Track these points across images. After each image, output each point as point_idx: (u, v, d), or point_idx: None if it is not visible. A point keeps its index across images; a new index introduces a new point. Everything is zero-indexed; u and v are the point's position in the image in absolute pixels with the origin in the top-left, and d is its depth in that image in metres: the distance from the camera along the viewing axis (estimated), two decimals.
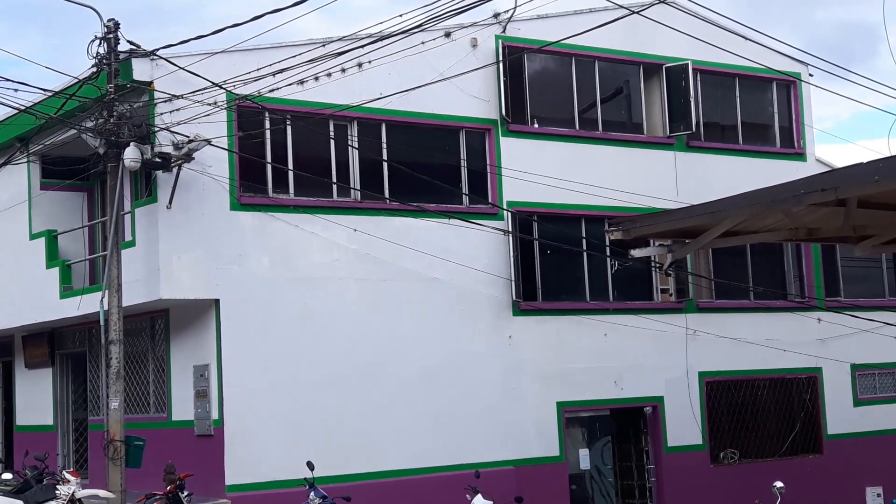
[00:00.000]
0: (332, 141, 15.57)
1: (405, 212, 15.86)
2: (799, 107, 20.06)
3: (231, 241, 14.69)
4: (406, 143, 16.21)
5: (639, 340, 17.62)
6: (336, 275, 15.41)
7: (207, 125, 14.05)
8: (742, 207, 9.58)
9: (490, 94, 16.84)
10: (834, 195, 8.36)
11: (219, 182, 14.52)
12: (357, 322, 15.48)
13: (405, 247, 15.69)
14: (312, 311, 15.18)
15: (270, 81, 14.04)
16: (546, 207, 17.12)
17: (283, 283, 15.01)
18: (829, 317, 19.15)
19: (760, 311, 19.03)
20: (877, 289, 20.68)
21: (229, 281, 14.62)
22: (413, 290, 15.91)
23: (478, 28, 16.53)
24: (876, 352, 19.87)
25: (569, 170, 17.16)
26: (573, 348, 17.15)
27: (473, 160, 16.81)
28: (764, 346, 18.66)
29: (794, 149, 19.97)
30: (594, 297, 17.59)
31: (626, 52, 18.21)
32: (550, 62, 17.87)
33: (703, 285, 18.73)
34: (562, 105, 17.85)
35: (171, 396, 15.45)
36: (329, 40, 14.92)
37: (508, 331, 16.69)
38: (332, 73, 14.57)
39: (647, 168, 18.20)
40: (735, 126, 19.56)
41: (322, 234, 15.29)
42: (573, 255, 17.42)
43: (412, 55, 14.92)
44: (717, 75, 19.19)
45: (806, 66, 19.75)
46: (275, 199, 15.08)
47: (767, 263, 19.59)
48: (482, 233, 16.31)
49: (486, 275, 16.41)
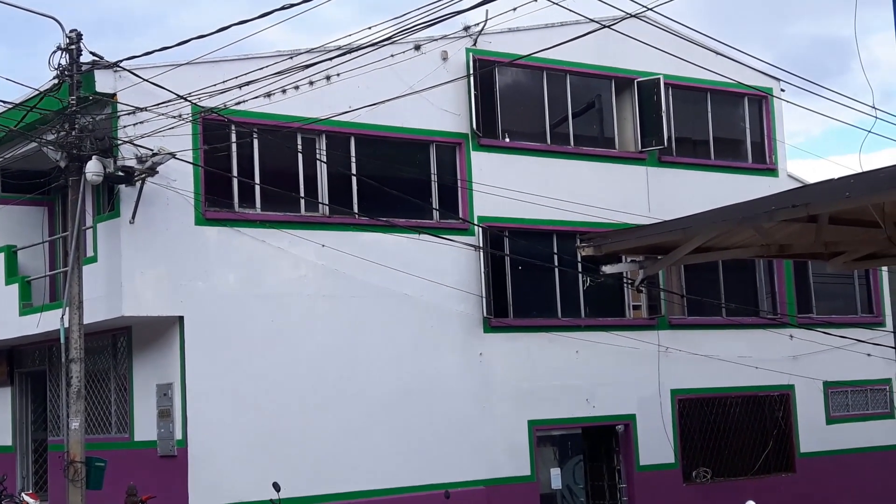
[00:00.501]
0: (299, 155, 15.52)
1: (374, 227, 15.83)
2: (771, 122, 20.24)
3: (196, 257, 14.60)
4: (375, 157, 16.20)
5: (611, 357, 17.66)
6: (304, 291, 15.35)
7: (172, 138, 13.98)
8: (713, 223, 9.63)
9: (461, 108, 16.87)
10: (805, 211, 8.42)
11: (183, 196, 14.43)
12: (325, 339, 15.42)
13: (374, 262, 15.67)
14: (279, 329, 15.10)
15: (237, 94, 13.98)
16: (517, 223, 17.15)
17: (249, 300, 14.93)
18: (801, 333, 19.28)
19: (732, 327, 19.13)
20: (849, 305, 20.85)
21: (194, 298, 14.53)
22: (382, 307, 15.87)
23: (448, 41, 16.57)
24: (848, 369, 20.02)
25: (540, 184, 17.21)
26: (544, 366, 17.16)
27: (444, 174, 16.82)
28: (736, 363, 18.76)
29: (766, 164, 20.14)
30: (566, 313, 17.61)
31: (598, 67, 18.31)
32: (522, 76, 17.93)
33: (675, 302, 18.81)
34: (533, 119, 17.91)
35: (133, 416, 15.30)
36: (297, 52, 14.89)
37: (479, 348, 16.68)
38: (299, 86, 14.53)
39: (618, 183, 18.28)
40: (707, 141, 19.70)
41: (289, 249, 15.23)
42: (545, 270, 17.44)
43: (382, 68, 14.91)
44: (689, 90, 19.33)
45: (778, 82, 19.94)
46: (241, 214, 15.00)
47: (739, 280, 19.69)
48: (452, 248, 16.31)
49: (457, 291, 16.40)
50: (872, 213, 9.03)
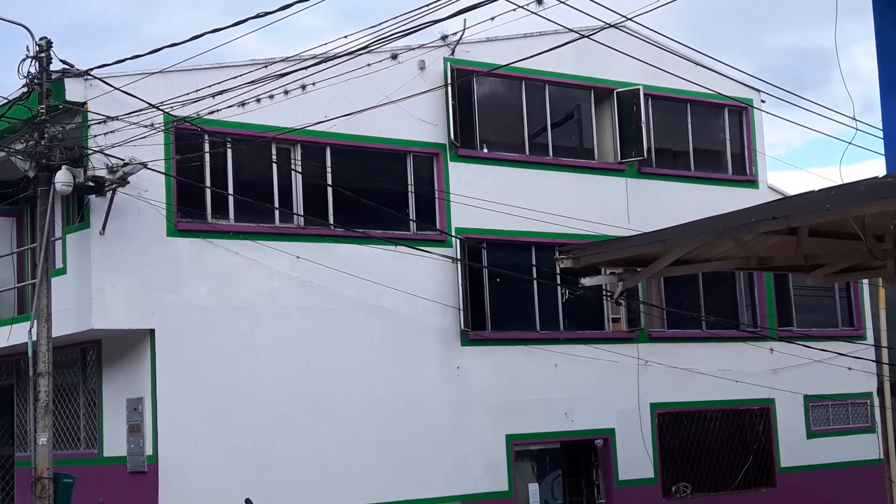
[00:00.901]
0: (274, 165, 15.48)
1: (350, 238, 15.80)
2: (751, 133, 20.35)
3: (167, 269, 14.54)
4: (351, 167, 16.16)
5: (590, 371, 17.67)
6: (278, 303, 15.29)
7: (143, 148, 13.92)
8: (693, 236, 9.65)
9: (438, 118, 16.87)
10: (785, 224, 8.45)
11: (155, 207, 14.37)
12: (299, 352, 15.36)
13: (350, 274, 15.63)
14: (253, 342, 15.04)
15: (210, 103, 13.94)
16: (495, 234, 17.15)
17: (222, 313, 14.86)
18: (781, 347, 19.36)
19: (712, 340, 19.18)
20: (830, 318, 20.94)
21: (165, 310, 14.45)
22: (358, 320, 15.83)
23: (426, 50, 16.57)
24: (829, 383, 20.11)
25: (519, 196, 17.22)
26: (523, 379, 17.14)
27: (421, 185, 16.80)
28: (716, 376, 18.81)
29: (747, 176, 20.23)
30: (544, 326, 17.61)
31: (577, 77, 18.36)
32: (500, 86, 17.95)
33: (654, 314, 18.85)
34: (512, 129, 17.93)
35: (102, 431, 15.18)
36: (271, 61, 14.87)
37: (456, 361, 16.65)
38: (274, 95, 14.49)
39: (598, 194, 18.32)
40: (687, 152, 19.77)
41: (263, 261, 15.18)
42: (523, 283, 17.45)
43: (358, 78, 14.88)
44: (669, 101, 19.41)
45: (758, 93, 20.04)
46: (214, 225, 14.94)
47: (720, 292, 19.76)
48: (430, 260, 16.29)
49: (434, 303, 16.38)
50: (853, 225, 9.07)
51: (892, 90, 9.58)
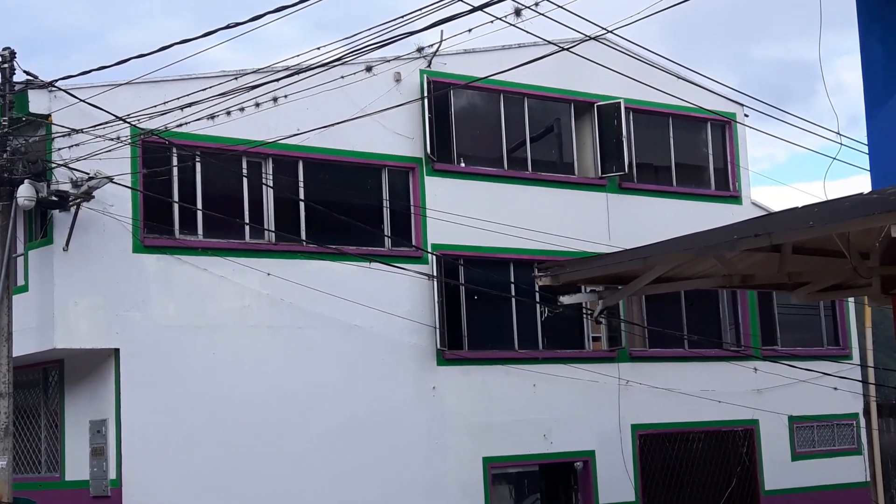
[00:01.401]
0: (244, 179, 15.44)
1: (323, 255, 15.75)
2: (734, 148, 20.43)
3: (133, 286, 14.46)
4: (324, 181, 16.14)
5: (569, 391, 17.64)
6: (247, 322, 15.21)
7: (109, 162, 13.86)
8: (674, 253, 9.63)
9: (414, 132, 16.86)
10: (768, 241, 8.44)
11: (121, 223, 14.30)
12: (270, 373, 15.27)
13: (323, 292, 15.56)
14: (222, 362, 14.95)
15: (178, 115, 13.88)
16: (473, 251, 17.13)
17: (189, 332, 14.77)
18: (765, 366, 19.39)
19: (695, 360, 19.20)
20: (815, 337, 21.01)
21: (131, 329, 14.37)
22: (331, 339, 15.76)
23: (401, 62, 16.58)
24: (814, 403, 20.14)
25: (497, 211, 17.22)
26: (500, 400, 17.10)
27: (396, 200, 16.78)
28: (699, 397, 18.81)
29: (730, 191, 20.31)
30: (523, 345, 17.58)
31: (557, 90, 18.40)
32: (478, 99, 17.97)
33: (636, 333, 18.85)
34: (490, 143, 17.94)
35: (64, 454, 15.03)
36: (242, 73, 14.83)
37: (432, 381, 16.60)
38: (245, 108, 14.45)
39: (578, 210, 18.34)
40: (669, 167, 19.84)
41: (233, 278, 15.10)
42: (501, 301, 17.42)
43: (332, 90, 14.86)
44: (651, 115, 19.48)
45: (741, 107, 20.13)
46: (182, 241, 14.87)
47: (702, 311, 19.79)
48: (405, 277, 16.25)
49: (409, 322, 16.34)
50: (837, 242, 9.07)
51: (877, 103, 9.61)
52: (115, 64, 12.57)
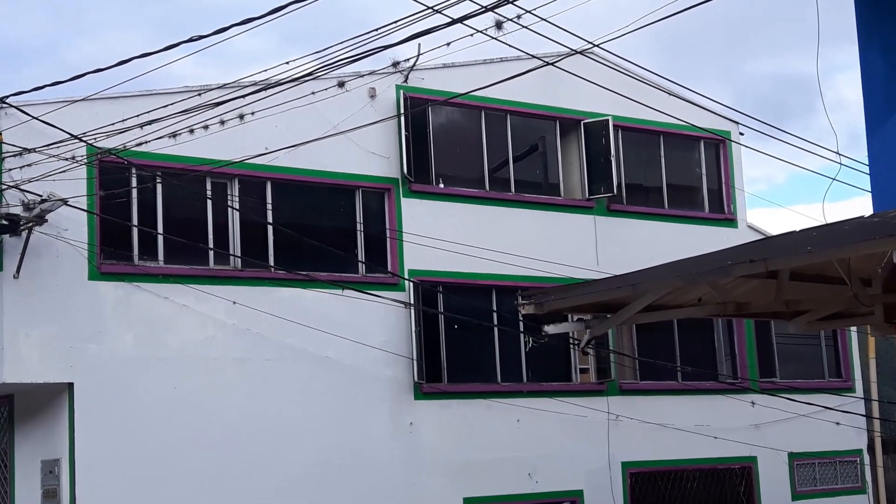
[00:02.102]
0: (208, 201, 15.41)
1: (292, 282, 15.71)
2: (729, 168, 20.53)
3: (89, 316, 14.38)
4: (294, 203, 16.13)
5: (556, 427, 17.62)
6: (212, 354, 15.15)
7: (64, 183, 13.80)
8: (665, 279, 9.65)
9: (390, 151, 16.88)
10: (764, 266, 8.46)
11: (76, 248, 14.24)
12: (236, 408, 15.20)
13: (292, 321, 15.52)
14: (184, 397, 14.87)
15: (138, 134, 13.87)
16: (452, 277, 17.12)
17: (149, 364, 14.69)
18: (763, 400, 19.42)
19: (689, 393, 19.21)
20: (816, 369, 21.06)
21: (86, 362, 14.27)
22: (301, 371, 15.71)
23: (376, 77, 16.62)
24: (815, 439, 20.17)
25: (478, 235, 17.23)
26: (482, 436, 17.06)
27: (371, 223, 16.78)
28: (693, 432, 18.81)
29: (724, 214, 20.40)
30: (506, 378, 17.57)
31: (542, 107, 18.48)
32: (458, 116, 18.02)
33: (626, 365, 18.86)
34: (470, 163, 17.97)
35: (14, 497, 14.91)
36: (207, 88, 14.81)
37: (409, 416, 16.55)
38: (209, 126, 14.43)
39: (564, 234, 18.39)
40: (660, 188, 19.91)
41: (196, 307, 15.06)
42: (483, 330, 17.41)
43: (302, 106, 14.87)
44: (641, 133, 19.57)
45: (736, 125, 20.27)
46: (141, 268, 14.82)
47: (697, 341, 19.82)
48: (380, 305, 16.22)
49: (385, 353, 16.30)
50: (837, 268, 9.12)
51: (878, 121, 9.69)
52: (70, 79, 12.51)
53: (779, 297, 10.28)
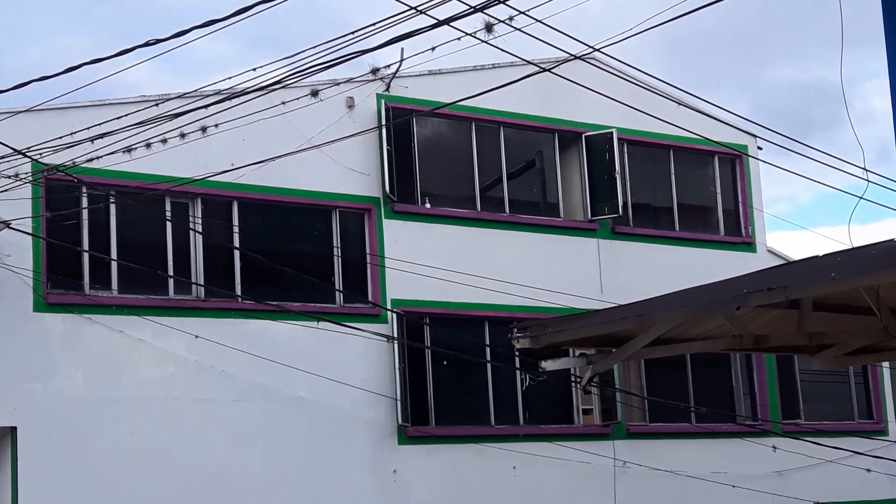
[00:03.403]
0: (168, 223, 15.41)
1: (262, 313, 15.73)
2: (746, 186, 20.62)
3: (34, 352, 14.40)
4: (264, 226, 16.20)
5: (556, 475, 17.62)
6: (171, 394, 15.16)
7: (6, 204, 13.83)
8: (675, 309, 9.65)
9: (370, 167, 16.94)
10: (783, 295, 8.45)
11: (20, 276, 14.27)
12: (199, 455, 15.20)
13: (262, 357, 15.53)
14: (141, 442, 14.86)
15: (89, 148, 13.90)
16: (440, 307, 17.18)
17: (101, 406, 14.70)
18: (786, 444, 19.42)
19: (704, 437, 19.23)
20: (844, 409, 21.09)
21: (30, 403, 14.28)
22: (272, 414, 15.72)
23: (354, 85, 16.66)
24: (844, 488, 20.16)
25: (468, 260, 17.28)
26: (474, 485, 17.06)
27: (349, 248, 16.83)
28: (709, 480, 18.81)
29: (741, 237, 20.47)
30: (500, 420, 17.57)
31: (539, 118, 18.56)
32: (445, 128, 18.08)
33: (634, 405, 18.87)
34: (460, 181, 18.05)
35: None
36: (165, 98, 14.90)
37: (392, 463, 16.56)
38: (168, 139, 14.49)
39: (564, 259, 18.45)
40: (670, 209, 19.99)
41: (154, 341, 15.07)
42: (474, 367, 17.42)
43: (272, 118, 14.95)
44: (649, 147, 19.66)
45: (754, 138, 20.36)
46: (93, 298, 14.83)
47: (712, 379, 19.84)
48: (360, 339, 16.22)
49: (365, 392, 16.32)
50: (865, 297, 9.13)
51: None
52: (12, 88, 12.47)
53: (801, 329, 10.27)
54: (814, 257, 8.99)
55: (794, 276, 8.81)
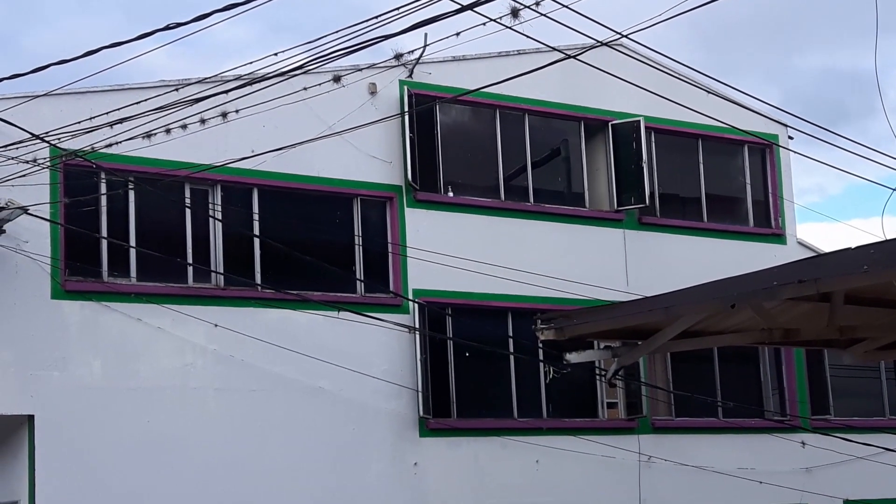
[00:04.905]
0: (187, 210, 15.44)
1: (282, 302, 15.74)
2: (776, 176, 20.53)
3: (52, 340, 14.43)
4: (284, 213, 16.20)
5: (579, 469, 17.60)
6: (190, 384, 15.19)
7: (24, 189, 13.85)
8: (703, 302, 9.63)
9: (392, 154, 16.93)
10: (815, 288, 8.44)
11: (37, 262, 14.30)
12: (217, 446, 15.23)
13: (281, 347, 15.55)
14: (158, 432, 14.90)
15: (108, 133, 13.91)
16: (463, 298, 17.17)
17: (118, 395, 14.73)
18: (815, 440, 19.38)
19: (731, 432, 19.19)
20: (874, 406, 21.01)
21: (48, 391, 14.31)
22: (291, 404, 15.74)
23: (377, 71, 16.65)
24: (875, 485, 20.08)
25: (492, 251, 17.26)
26: (496, 479, 17.06)
27: (371, 237, 16.82)
28: (736, 476, 18.76)
29: (771, 228, 20.39)
30: (523, 413, 17.56)
31: (564, 105, 18.52)
32: (469, 115, 18.07)
33: (660, 399, 18.84)
34: (483, 169, 18.02)
35: None
36: (185, 83, 14.92)
37: (414, 456, 16.56)
38: (188, 125, 14.49)
39: (589, 250, 18.41)
40: (698, 199, 19.93)
41: (172, 330, 15.10)
42: (497, 359, 17.41)
43: (293, 104, 14.95)
44: (676, 136, 19.60)
45: (785, 127, 20.26)
46: (111, 285, 14.86)
47: (740, 373, 19.80)
48: (381, 330, 16.24)
49: (386, 384, 16.31)
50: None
51: None
52: (30, 72, 12.54)
53: (832, 323, 10.23)
54: (846, 249, 8.95)
55: (825, 269, 8.78)
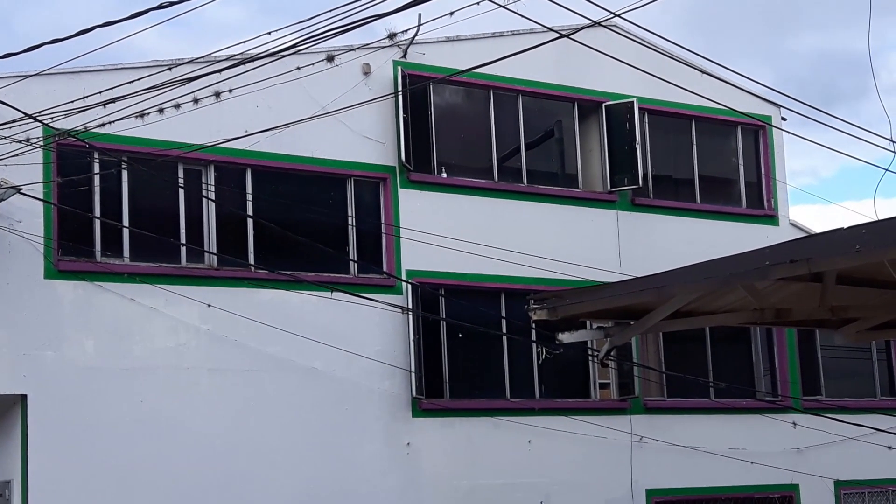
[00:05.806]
0: (181, 191, 15.43)
1: (275, 282, 15.75)
2: (769, 158, 20.54)
3: (45, 320, 14.42)
4: (278, 194, 16.17)
5: (572, 449, 17.64)
6: (183, 363, 15.19)
7: (16, 168, 13.83)
8: (695, 282, 9.66)
9: (386, 135, 16.91)
10: (806, 268, 8.47)
11: (30, 242, 14.29)
12: (210, 425, 15.24)
13: (274, 327, 15.56)
14: (151, 412, 14.90)
15: (101, 113, 13.89)
16: (456, 279, 17.17)
17: (112, 374, 14.73)
18: (807, 421, 19.42)
19: (723, 412, 19.22)
20: (865, 386, 21.06)
21: (41, 371, 14.32)
22: (284, 384, 15.75)
23: (370, 51, 16.63)
24: (865, 465, 20.16)
25: (485, 231, 17.27)
26: (489, 459, 17.09)
27: (364, 217, 16.82)
28: (727, 456, 18.83)
29: (764, 209, 20.41)
30: (516, 393, 17.59)
31: (558, 86, 18.49)
32: (463, 96, 18.05)
33: (651, 380, 18.87)
34: (477, 150, 18.00)
35: None
36: (178, 62, 14.89)
37: (406, 436, 16.59)
38: (181, 105, 14.49)
39: (582, 230, 18.41)
40: (691, 180, 19.93)
41: (165, 310, 15.10)
42: (490, 339, 17.44)
43: (286, 83, 14.92)
44: (670, 117, 19.59)
45: (778, 108, 20.26)
46: (104, 265, 14.86)
47: (732, 353, 19.83)
48: (374, 310, 16.25)
49: (379, 364, 16.33)
50: (890, 271, 9.11)
51: None
52: (23, 51, 12.47)
53: (824, 303, 10.27)
54: (838, 229, 8.97)
55: (817, 249, 8.80)
